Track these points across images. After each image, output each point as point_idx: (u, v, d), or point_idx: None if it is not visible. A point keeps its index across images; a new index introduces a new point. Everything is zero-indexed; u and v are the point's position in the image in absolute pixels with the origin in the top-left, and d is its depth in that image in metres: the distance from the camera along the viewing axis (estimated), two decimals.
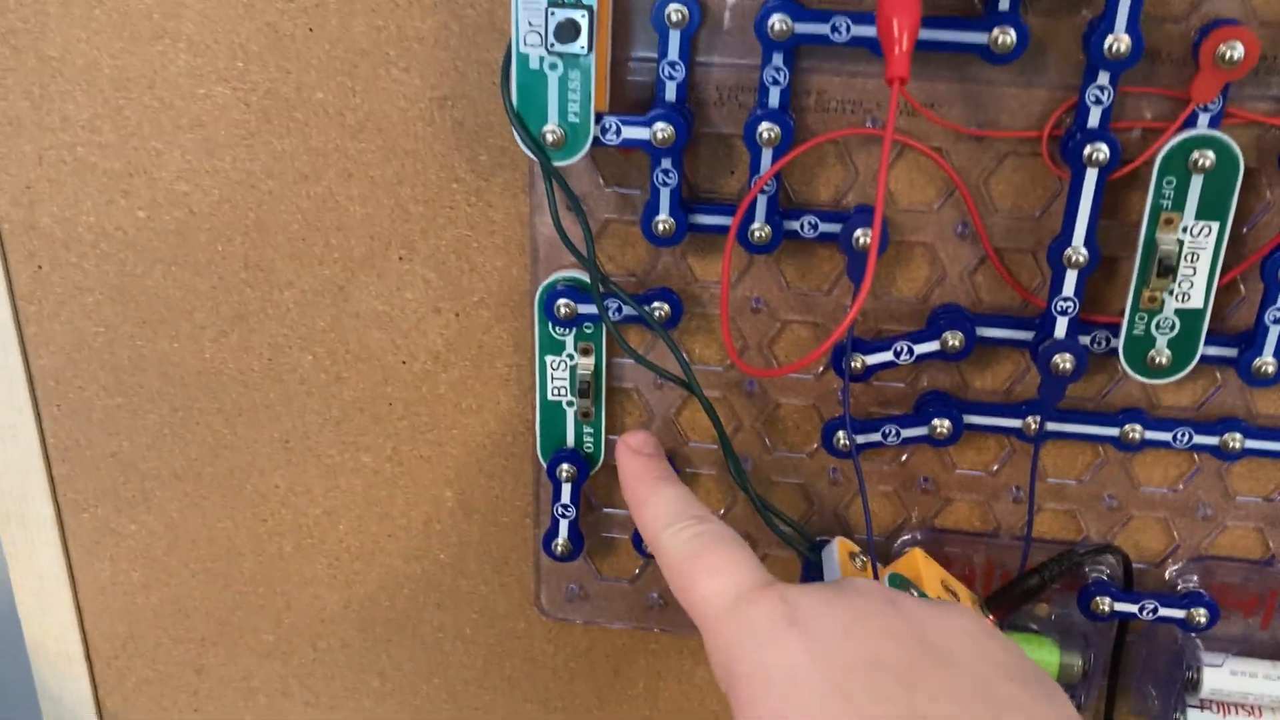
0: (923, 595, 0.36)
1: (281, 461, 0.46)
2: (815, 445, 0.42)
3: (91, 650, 0.51)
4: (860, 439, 0.40)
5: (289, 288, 0.42)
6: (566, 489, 0.42)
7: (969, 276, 0.38)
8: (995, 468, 0.41)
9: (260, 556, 0.48)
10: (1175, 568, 0.42)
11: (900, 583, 0.35)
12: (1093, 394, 0.39)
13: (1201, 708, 0.41)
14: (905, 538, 0.43)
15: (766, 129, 0.35)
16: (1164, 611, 0.40)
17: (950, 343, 0.37)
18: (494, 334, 0.42)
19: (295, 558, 0.48)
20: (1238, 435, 0.38)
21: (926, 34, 0.34)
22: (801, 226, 0.37)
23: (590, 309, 0.39)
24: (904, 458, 0.41)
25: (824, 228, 0.37)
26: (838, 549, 0.38)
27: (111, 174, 0.41)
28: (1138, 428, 0.39)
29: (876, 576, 0.37)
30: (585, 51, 0.33)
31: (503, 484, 0.45)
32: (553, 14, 0.33)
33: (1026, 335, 0.38)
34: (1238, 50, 0.32)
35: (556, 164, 0.35)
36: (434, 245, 0.41)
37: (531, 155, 0.35)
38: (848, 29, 0.34)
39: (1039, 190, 0.37)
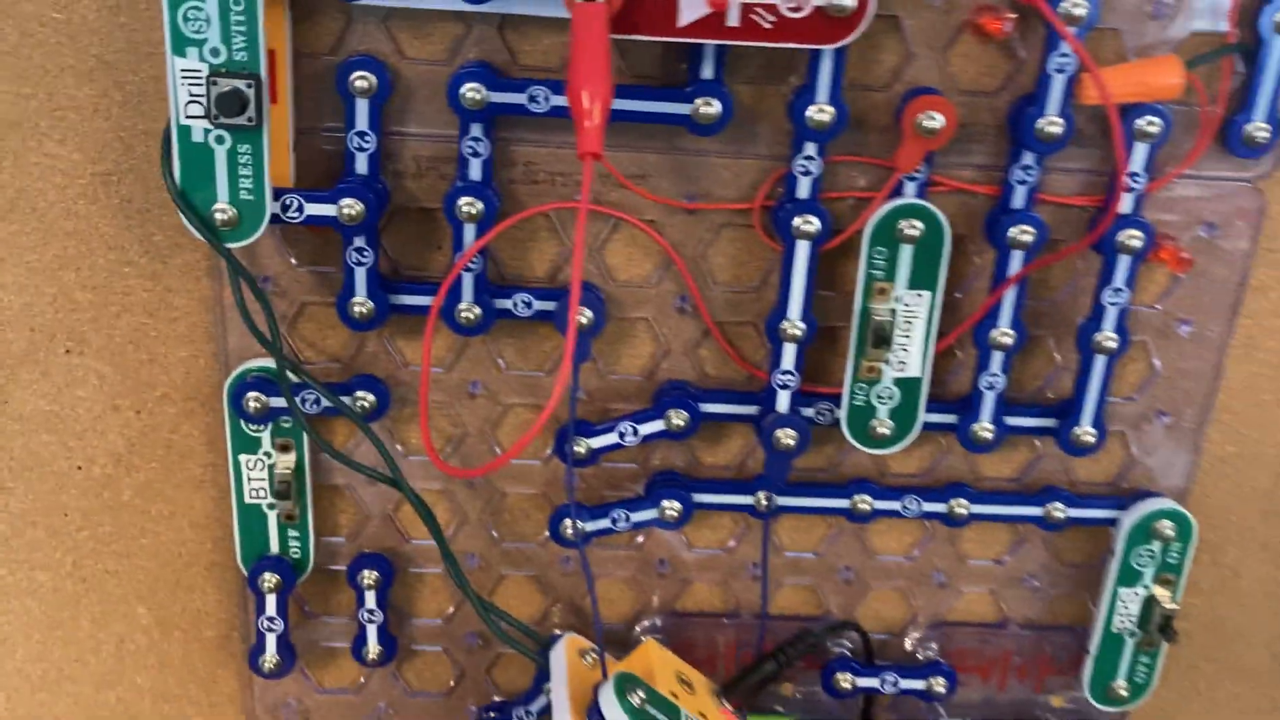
0: (653, 691, 0.34)
1: None
2: (545, 535, 0.39)
3: None
4: (589, 526, 0.37)
5: None
6: (271, 600, 0.38)
7: (693, 351, 0.37)
8: (732, 544, 0.40)
9: None
10: (915, 636, 0.41)
11: (628, 681, 0.33)
12: (823, 464, 0.38)
13: None
14: (645, 623, 0.40)
15: (467, 203, 0.33)
16: (905, 684, 0.40)
17: (675, 421, 0.36)
18: (183, 432, 0.38)
19: None
20: (963, 501, 0.38)
21: (626, 104, 0.32)
22: (515, 305, 0.35)
23: (285, 403, 0.35)
24: (639, 540, 0.39)
25: (538, 305, 0.35)
26: (565, 648, 0.36)
27: None
28: (867, 498, 0.38)
29: (605, 674, 0.34)
30: (254, 124, 0.30)
31: (204, 596, 0.40)
32: (215, 84, 0.29)
33: (752, 410, 0.36)
34: (937, 120, 0.32)
35: (231, 245, 0.32)
36: (107, 336, 0.36)
37: (201, 237, 0.31)
38: (546, 99, 0.32)
39: (756, 262, 0.36)
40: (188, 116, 0.30)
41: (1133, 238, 0.34)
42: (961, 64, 0.33)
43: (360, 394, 0.35)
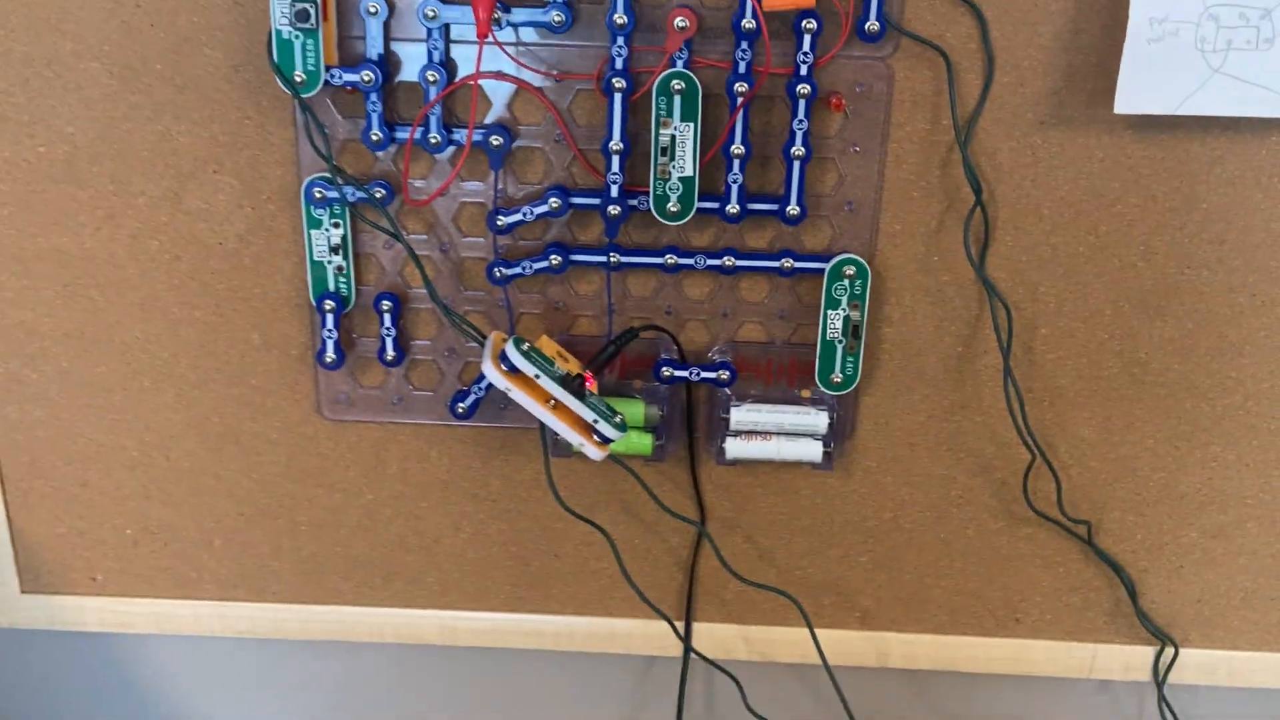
0: (535, 348, 0.60)
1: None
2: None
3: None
4: (509, 271, 0.64)
5: (141, 196, 0.65)
6: (329, 318, 0.65)
7: (567, 168, 0.63)
8: (599, 292, 0.66)
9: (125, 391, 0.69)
10: (716, 349, 0.67)
11: (520, 340, 0.59)
12: (650, 240, 0.64)
13: (735, 436, 0.66)
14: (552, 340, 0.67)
15: (430, 73, 0.60)
16: (704, 375, 0.65)
17: (553, 204, 0.62)
18: (279, 219, 0.65)
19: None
20: (731, 258, 0.63)
21: (513, 17, 0.59)
22: (460, 136, 0.62)
23: (341, 193, 0.63)
24: (545, 288, 0.66)
25: (476, 136, 0.62)
26: (493, 337, 0.62)
27: None
28: (673, 256, 0.64)
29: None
30: (314, 28, 0.57)
31: (289, 325, 0.67)
32: (293, 5, 0.57)
33: (597, 201, 0.63)
34: (685, 22, 0.58)
35: (304, 95, 0.59)
36: (236, 160, 0.64)
37: (287, 90, 0.59)
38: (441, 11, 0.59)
39: (599, 112, 0.62)
40: (280, 23, 0.57)
41: (803, 89, 0.59)
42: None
43: (377, 189, 0.62)
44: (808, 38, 0.59)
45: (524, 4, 0.60)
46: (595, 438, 0.62)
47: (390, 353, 0.67)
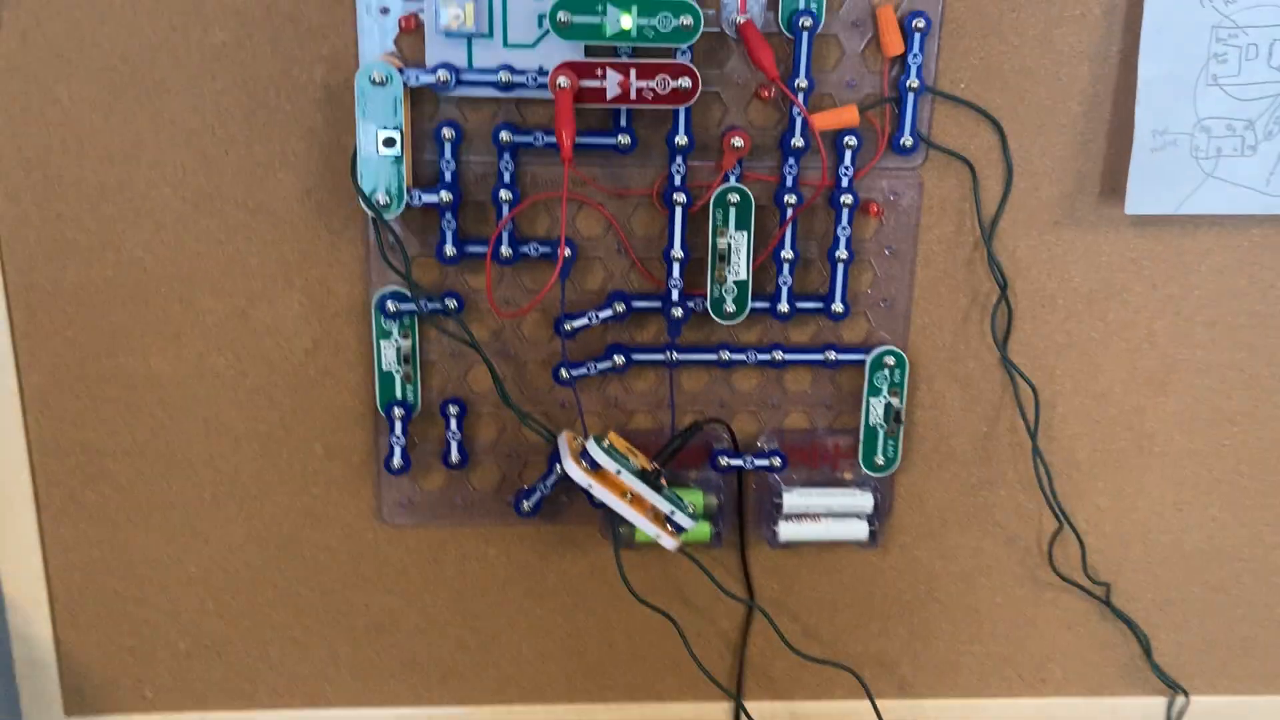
0: (613, 446, 0.64)
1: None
2: (552, 385, 0.69)
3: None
4: (575, 372, 0.67)
5: (209, 314, 0.67)
6: (398, 425, 0.68)
7: (627, 274, 0.67)
8: (656, 387, 0.70)
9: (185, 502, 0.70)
10: (763, 438, 0.71)
11: (600, 437, 0.63)
12: (702, 339, 0.69)
13: (788, 519, 0.70)
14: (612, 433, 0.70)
15: (503, 192, 0.64)
16: (757, 463, 0.70)
17: (617, 309, 0.66)
18: (346, 332, 0.68)
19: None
20: (779, 353, 0.68)
21: (584, 140, 0.63)
22: (531, 249, 0.66)
23: (409, 306, 0.66)
24: (603, 388, 0.69)
25: (541, 250, 0.66)
26: (565, 437, 0.66)
27: None
28: (726, 353, 0.68)
29: (586, 436, 0.64)
30: (399, 154, 0.61)
31: (352, 435, 0.70)
32: (380, 134, 0.60)
33: (658, 304, 0.67)
34: (740, 142, 0.63)
35: (387, 217, 0.62)
36: (305, 278, 0.67)
37: (370, 212, 0.62)
38: (541, 139, 0.63)
39: (658, 223, 0.67)
40: (366, 150, 0.61)
41: (847, 200, 0.65)
42: (755, 114, 0.65)
43: (448, 300, 0.66)
44: (849, 153, 0.65)
45: (592, 129, 0.64)
46: (670, 528, 0.66)
47: (455, 456, 0.69)
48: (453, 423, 0.69)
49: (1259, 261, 0.69)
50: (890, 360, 0.68)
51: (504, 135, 0.63)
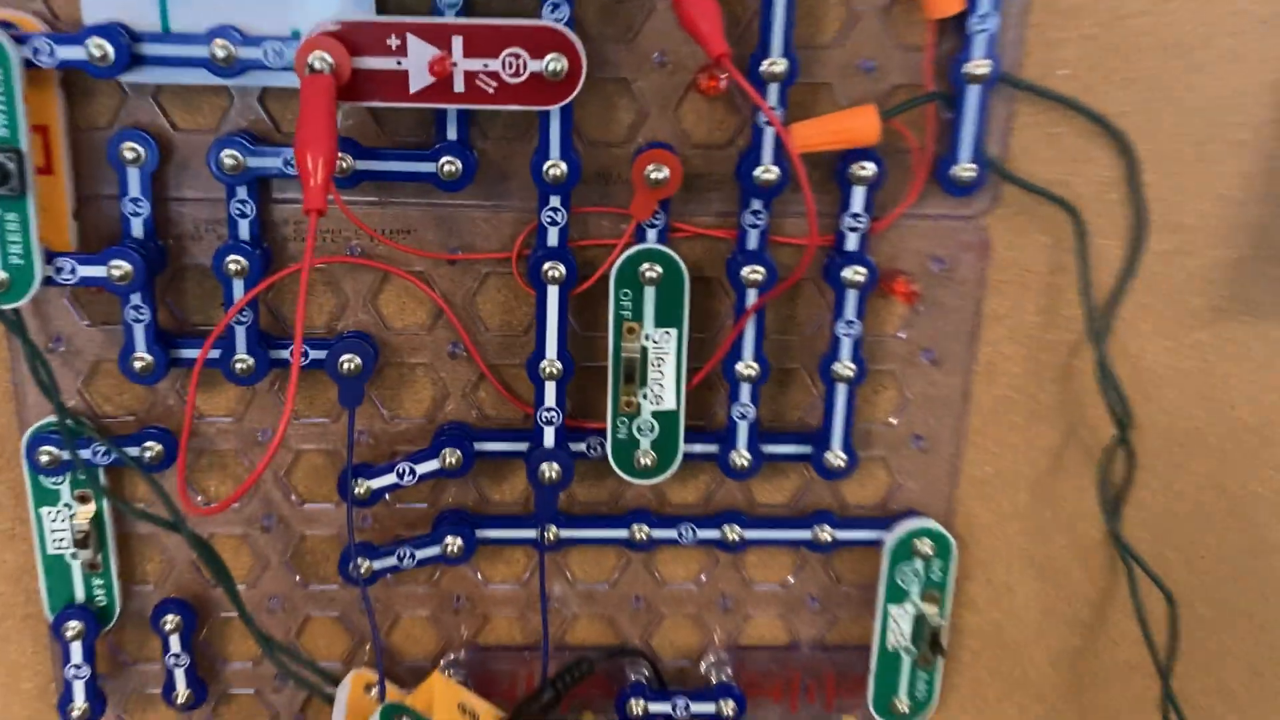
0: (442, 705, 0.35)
1: None
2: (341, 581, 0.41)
3: None
4: (377, 564, 0.39)
5: None
6: (76, 647, 0.39)
7: (471, 393, 0.39)
8: (526, 577, 0.42)
9: None
10: (711, 660, 0.43)
11: (394, 710, 0.35)
12: (605, 497, 0.41)
13: None
14: (450, 657, 0.42)
15: (232, 261, 0.35)
16: (695, 708, 0.41)
17: (449, 460, 0.38)
18: None
19: None
20: (736, 526, 0.40)
21: (375, 165, 0.35)
22: (290, 354, 0.37)
23: (86, 453, 0.38)
24: (436, 577, 0.41)
25: (314, 354, 0.37)
26: (350, 684, 0.38)
27: None
28: (644, 527, 0.40)
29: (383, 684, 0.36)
30: (18, 193, 0.32)
31: (20, 648, 0.42)
32: None
33: (523, 446, 0.39)
34: (663, 171, 0.35)
35: (5, 306, 0.34)
36: None
37: None
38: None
39: (524, 307, 0.38)
40: None
41: (856, 273, 0.36)
42: (693, 120, 0.36)
43: (149, 444, 0.38)
44: (860, 191, 0.36)
45: (390, 144, 0.36)
46: None
47: (183, 690, 0.41)
48: (173, 640, 0.40)
49: None
50: (926, 545, 0.40)
51: (228, 157, 0.35)
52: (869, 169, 0.36)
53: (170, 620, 0.40)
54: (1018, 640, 0.43)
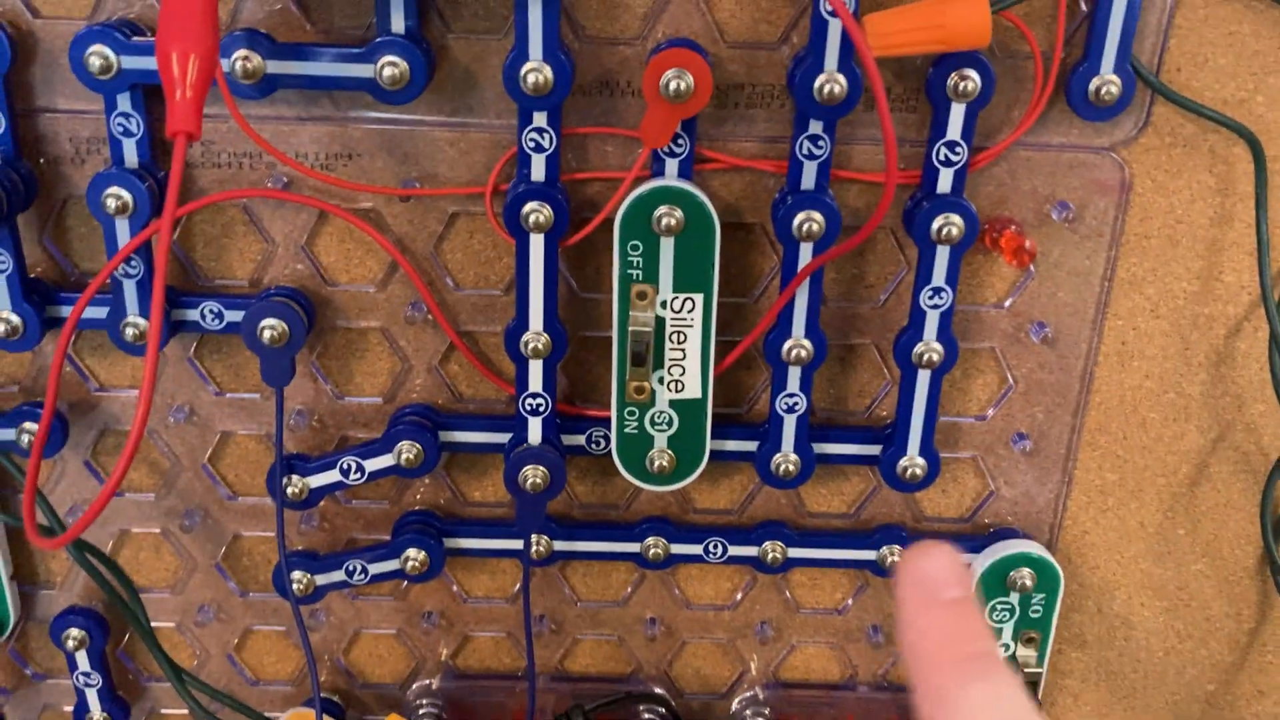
0: None
1: None
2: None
3: None
4: (320, 579, 0.31)
5: None
6: None
7: (439, 368, 0.30)
8: (515, 591, 0.33)
9: None
10: (745, 696, 0.34)
11: None
12: (615, 498, 0.32)
13: None
14: (422, 682, 0.34)
15: (111, 196, 0.26)
16: None
17: (406, 456, 0.29)
18: None
19: None
20: (779, 544, 0.31)
21: (291, 66, 0.26)
22: (203, 315, 0.29)
23: None
24: (404, 587, 0.33)
25: (230, 316, 0.29)
26: None
27: None
28: (661, 541, 0.31)
29: None
30: None
31: None
32: None
33: (504, 438, 0.30)
34: (686, 80, 0.25)
35: None
36: None
37: None
38: None
39: (504, 258, 0.29)
40: None
41: (949, 222, 0.27)
42: (730, 7, 0.27)
43: (28, 425, 0.30)
44: (959, 111, 0.27)
45: (319, 39, 0.27)
46: None
47: (98, 713, 0.34)
48: (81, 657, 0.33)
49: None
50: (1026, 576, 0.31)
51: (95, 55, 0.26)
52: (972, 80, 0.26)
53: (73, 636, 0.32)
54: (1134, 684, 0.34)
